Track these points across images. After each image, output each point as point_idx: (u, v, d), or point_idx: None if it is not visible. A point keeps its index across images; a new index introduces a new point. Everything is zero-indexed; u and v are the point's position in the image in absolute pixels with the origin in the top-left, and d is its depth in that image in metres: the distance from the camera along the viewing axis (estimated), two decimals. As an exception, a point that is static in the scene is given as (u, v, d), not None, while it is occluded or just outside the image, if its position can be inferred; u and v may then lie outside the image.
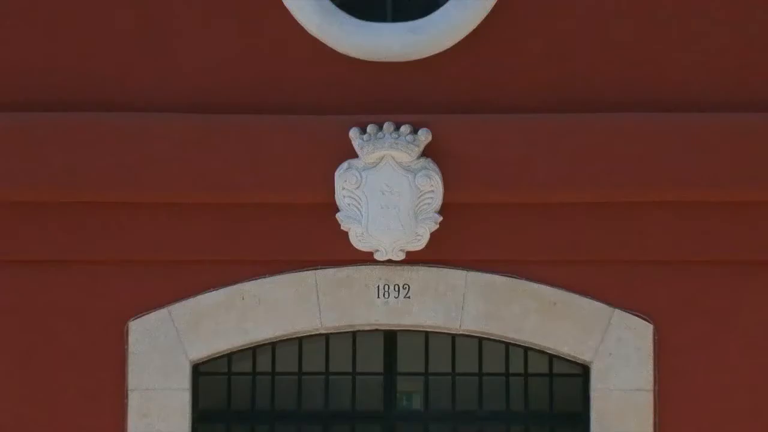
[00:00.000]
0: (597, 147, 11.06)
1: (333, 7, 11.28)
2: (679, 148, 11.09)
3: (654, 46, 11.36)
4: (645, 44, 11.39)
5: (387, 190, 10.68)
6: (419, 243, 10.61)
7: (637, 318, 10.79)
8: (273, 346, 11.38)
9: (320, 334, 11.22)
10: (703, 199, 10.85)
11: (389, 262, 10.64)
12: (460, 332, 11.11)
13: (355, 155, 10.58)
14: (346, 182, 10.61)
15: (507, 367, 11.35)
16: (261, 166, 11.01)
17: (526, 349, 11.20)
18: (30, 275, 11.15)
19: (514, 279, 10.94)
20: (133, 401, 10.96)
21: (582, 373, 11.02)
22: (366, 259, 10.78)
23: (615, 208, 11.10)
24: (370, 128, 10.48)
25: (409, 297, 10.94)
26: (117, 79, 11.26)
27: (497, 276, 10.91)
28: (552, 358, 11.14)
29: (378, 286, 10.91)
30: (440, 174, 10.60)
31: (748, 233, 10.91)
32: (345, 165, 10.58)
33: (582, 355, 10.86)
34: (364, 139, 10.47)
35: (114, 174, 10.97)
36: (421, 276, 10.88)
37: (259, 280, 11.02)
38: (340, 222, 10.56)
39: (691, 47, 11.32)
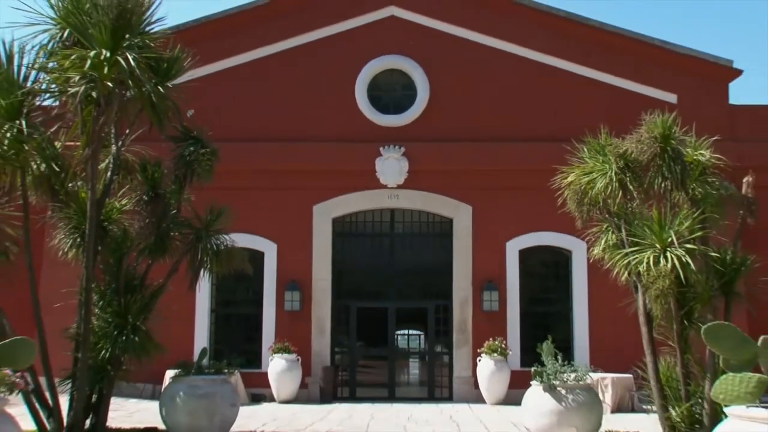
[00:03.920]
0: (470, 148, 17.21)
1: (374, 109, 17.78)
2: (507, 153, 17.23)
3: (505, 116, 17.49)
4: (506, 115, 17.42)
5: (391, 166, 17.38)
6: (402, 180, 17.39)
7: (467, 205, 17.52)
8: (356, 214, 17.91)
9: (370, 210, 17.91)
10: (510, 168, 17.15)
11: (393, 188, 17.46)
12: (414, 209, 17.84)
13: (380, 155, 17.41)
14: (379, 163, 17.35)
15: (428, 220, 18.02)
16: (354, 160, 17.35)
17: (434, 215, 17.79)
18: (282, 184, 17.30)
19: (432, 194, 17.53)
20: (315, 230, 17.44)
21: (450, 222, 17.69)
22: (384, 187, 17.50)
23: (476, 173, 17.28)
24: (386, 147, 17.39)
25: (399, 198, 17.64)
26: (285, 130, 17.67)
27: (427, 193, 17.53)
28: (443, 218, 17.78)
29: (388, 195, 17.61)
30: (408, 161, 17.31)
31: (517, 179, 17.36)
32: (378, 158, 17.36)
33: (450, 215, 17.63)
34: (384, 150, 17.40)
35: (309, 160, 17.32)
36: (403, 192, 17.59)
37: (351, 193, 17.58)
38: (377, 175, 17.32)
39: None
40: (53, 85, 8.56)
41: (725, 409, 3.78)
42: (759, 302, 8.95)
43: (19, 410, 5.72)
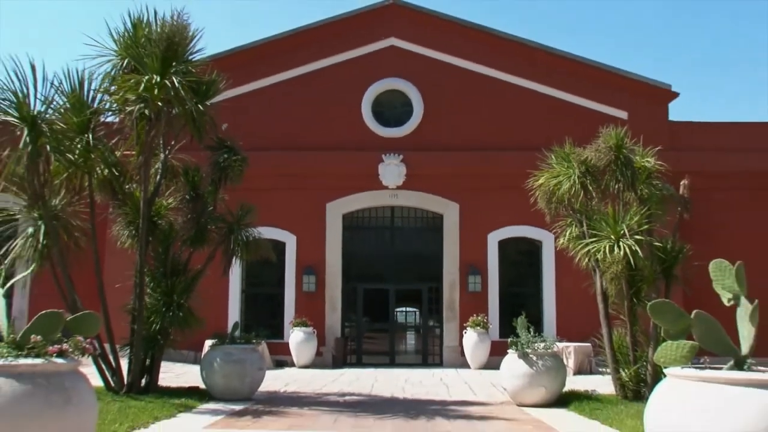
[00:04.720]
0: (457, 155, 17.07)
1: (377, 123, 17.73)
2: (489, 160, 17.08)
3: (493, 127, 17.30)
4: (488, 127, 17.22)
5: (392, 170, 17.27)
6: (400, 182, 17.26)
7: (455, 203, 17.40)
8: (362, 211, 17.77)
9: (373, 207, 17.76)
10: (491, 172, 16.96)
11: (393, 189, 17.32)
12: (411, 206, 17.70)
13: (382, 161, 17.31)
14: (381, 168, 17.24)
15: (423, 215, 17.89)
16: (360, 165, 17.21)
17: (428, 211, 17.65)
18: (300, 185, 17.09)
19: (426, 194, 17.36)
20: (328, 224, 17.36)
21: (441, 217, 17.55)
22: (385, 188, 17.36)
23: (463, 176, 17.09)
24: (388, 155, 17.31)
25: (398, 197, 17.50)
26: (305, 140, 17.54)
27: (422, 193, 17.36)
28: (435, 214, 17.63)
29: (389, 195, 17.45)
30: (406, 166, 17.24)
31: (497, 181, 17.08)
32: (381, 164, 17.25)
33: (441, 212, 17.51)
34: (386, 157, 17.30)
35: (317, 165, 17.10)
36: (401, 192, 17.45)
37: (358, 193, 17.44)
38: (379, 178, 17.20)
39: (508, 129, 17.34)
40: (114, 105, 8.75)
41: (665, 370, 3.91)
42: (692, 283, 9.14)
43: (89, 370, 5.87)
